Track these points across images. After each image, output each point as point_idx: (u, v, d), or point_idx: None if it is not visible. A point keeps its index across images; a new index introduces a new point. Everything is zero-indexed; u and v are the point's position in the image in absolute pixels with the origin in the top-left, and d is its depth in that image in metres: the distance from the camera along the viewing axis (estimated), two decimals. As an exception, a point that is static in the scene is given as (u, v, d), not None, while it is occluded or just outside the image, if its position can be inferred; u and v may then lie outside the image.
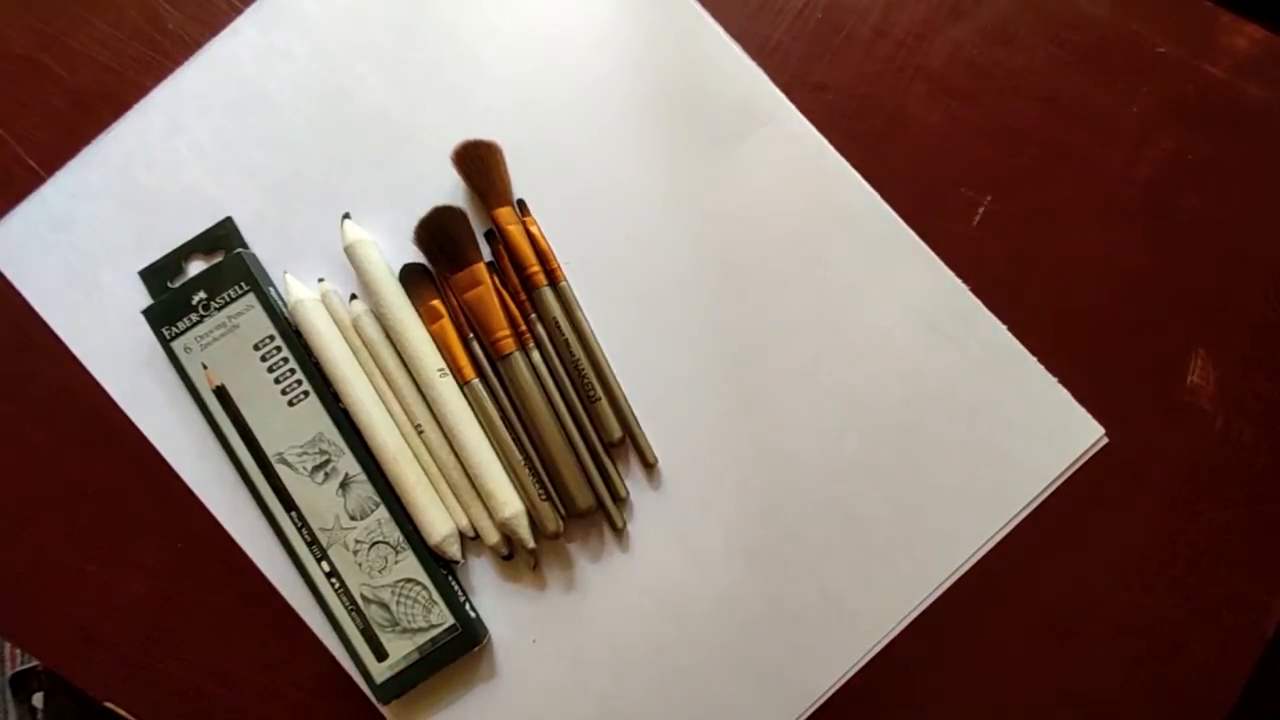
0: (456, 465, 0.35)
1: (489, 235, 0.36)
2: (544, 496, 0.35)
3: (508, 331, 0.34)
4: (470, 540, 0.35)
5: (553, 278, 0.35)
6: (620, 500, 0.35)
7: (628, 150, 0.37)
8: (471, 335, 0.35)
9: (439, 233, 0.35)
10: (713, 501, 0.35)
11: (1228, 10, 0.37)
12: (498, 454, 0.35)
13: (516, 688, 0.35)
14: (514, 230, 0.35)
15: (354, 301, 0.35)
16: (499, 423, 0.35)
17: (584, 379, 0.35)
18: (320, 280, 0.36)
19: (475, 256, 0.35)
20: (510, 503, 0.34)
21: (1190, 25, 0.37)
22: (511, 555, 0.35)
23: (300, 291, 0.35)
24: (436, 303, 0.35)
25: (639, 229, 0.36)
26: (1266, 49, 0.37)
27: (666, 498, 0.35)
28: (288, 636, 0.35)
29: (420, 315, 0.35)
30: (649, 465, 0.35)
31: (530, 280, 0.35)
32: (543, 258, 0.35)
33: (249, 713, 0.36)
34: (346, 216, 0.36)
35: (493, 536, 0.35)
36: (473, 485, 0.35)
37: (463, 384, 0.35)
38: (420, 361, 0.34)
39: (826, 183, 0.36)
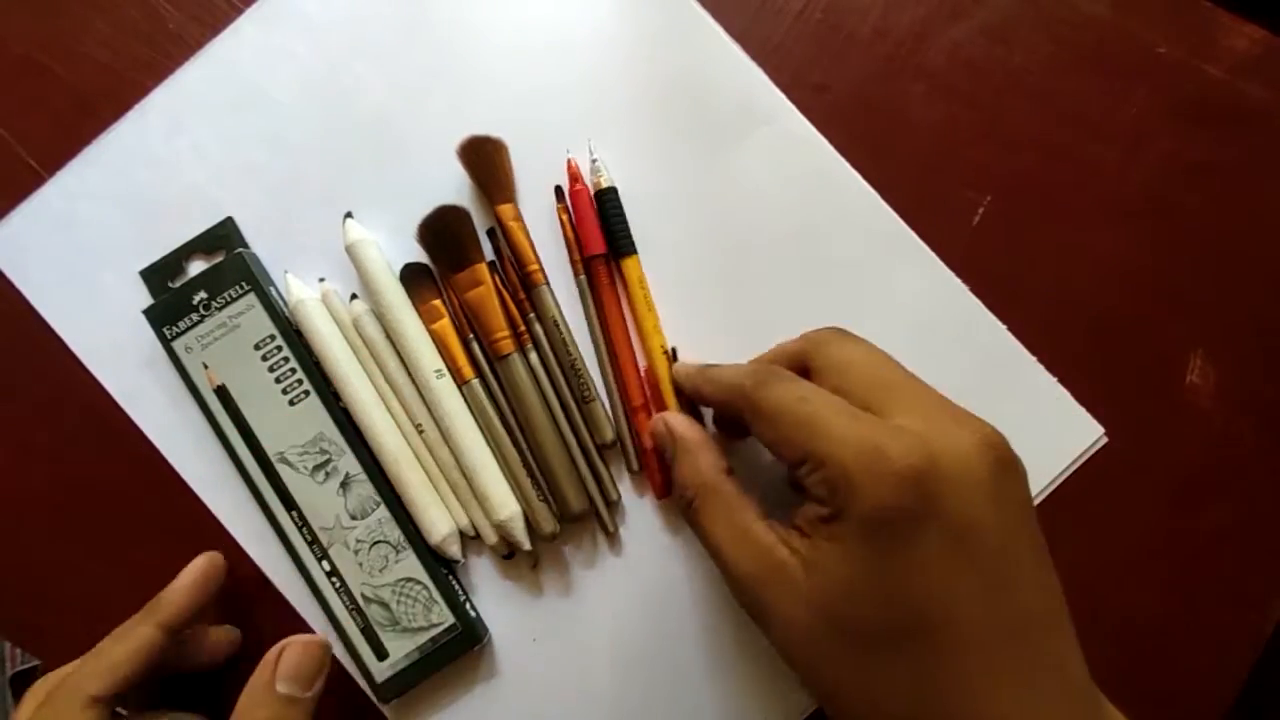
0: (456, 465, 0.35)
1: (490, 233, 0.36)
2: (541, 498, 0.35)
3: (506, 332, 0.34)
4: (471, 540, 0.35)
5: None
6: (612, 503, 0.35)
7: (627, 150, 0.37)
8: (471, 335, 0.35)
9: (442, 232, 0.35)
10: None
11: (1227, 11, 0.37)
12: (495, 455, 0.35)
13: (517, 687, 0.35)
14: (515, 227, 0.35)
15: (354, 301, 0.35)
16: (497, 424, 0.35)
17: (580, 379, 0.35)
18: (321, 280, 0.36)
19: (477, 256, 0.35)
20: (506, 505, 0.34)
21: (1190, 25, 0.37)
22: (512, 554, 0.35)
23: (301, 291, 0.35)
24: (437, 303, 0.35)
25: (638, 229, 0.36)
26: (1266, 49, 0.37)
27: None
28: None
29: (420, 315, 0.35)
30: (633, 471, 0.35)
31: (529, 278, 0.35)
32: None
33: (249, 712, 0.36)
34: (349, 215, 0.36)
35: (492, 537, 0.35)
36: (470, 486, 0.35)
37: (461, 384, 0.35)
38: (418, 361, 0.34)
39: (826, 183, 0.36)
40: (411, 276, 0.35)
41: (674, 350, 0.35)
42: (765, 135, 0.37)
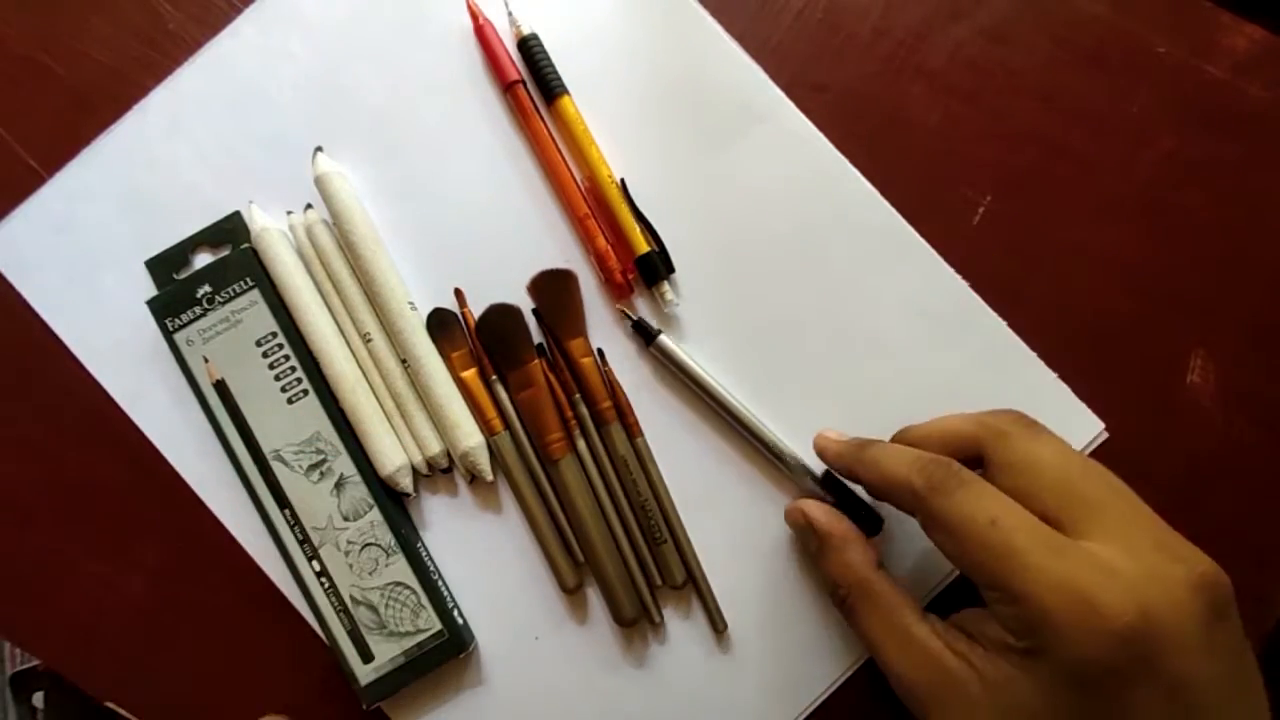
0: (415, 398, 0.35)
1: (539, 349, 0.35)
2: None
3: (560, 434, 0.35)
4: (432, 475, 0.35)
5: (623, 415, 0.35)
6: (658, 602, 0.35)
7: (628, 149, 0.37)
8: (495, 377, 0.35)
9: (495, 333, 0.35)
10: (714, 499, 0.35)
11: (1228, 10, 0.37)
12: (466, 400, 0.35)
13: (519, 686, 0.35)
14: (587, 363, 0.35)
15: (309, 210, 0.35)
16: (522, 474, 0.35)
17: (650, 520, 0.35)
18: (289, 212, 0.36)
19: (530, 355, 0.35)
20: (472, 434, 0.34)
21: (1190, 25, 0.37)
22: (451, 469, 0.36)
23: (264, 220, 0.35)
24: (466, 350, 0.35)
25: (638, 229, 0.36)
26: (1266, 49, 0.37)
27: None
28: (288, 636, 0.35)
29: (448, 363, 0.35)
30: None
31: (600, 415, 0.35)
32: (614, 392, 0.35)
33: (249, 713, 0.36)
34: (319, 149, 0.36)
35: (434, 447, 0.35)
36: (430, 417, 0.35)
37: (490, 435, 0.35)
38: (391, 293, 0.34)
39: (827, 181, 0.36)
40: (439, 324, 0.35)
41: (623, 181, 0.36)
42: (765, 134, 0.37)
